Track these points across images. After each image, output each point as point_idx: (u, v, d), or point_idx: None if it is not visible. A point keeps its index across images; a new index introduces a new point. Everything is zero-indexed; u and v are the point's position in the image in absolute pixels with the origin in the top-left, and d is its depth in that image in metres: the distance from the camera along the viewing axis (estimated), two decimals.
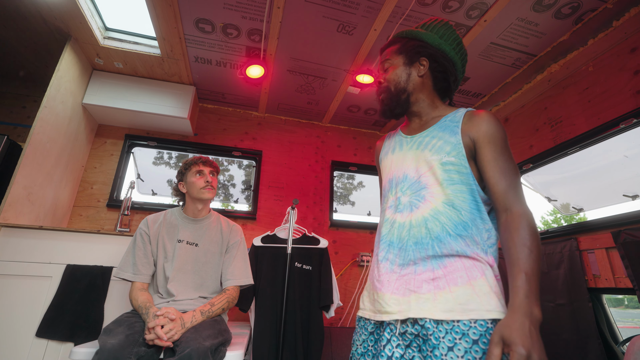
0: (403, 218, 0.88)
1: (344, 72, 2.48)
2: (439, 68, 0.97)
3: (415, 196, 0.87)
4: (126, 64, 2.44)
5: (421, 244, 0.83)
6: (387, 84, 0.99)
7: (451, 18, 1.96)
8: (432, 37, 0.97)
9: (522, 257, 0.72)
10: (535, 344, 0.62)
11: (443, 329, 0.73)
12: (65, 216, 2.39)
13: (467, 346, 0.70)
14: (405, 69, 0.98)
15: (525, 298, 0.67)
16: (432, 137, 0.91)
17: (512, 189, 0.80)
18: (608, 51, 1.88)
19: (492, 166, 0.82)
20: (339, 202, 3.24)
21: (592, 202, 2.18)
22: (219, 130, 2.98)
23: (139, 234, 1.53)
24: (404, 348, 0.78)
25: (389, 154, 1.02)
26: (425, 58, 0.97)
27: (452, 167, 0.85)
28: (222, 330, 1.33)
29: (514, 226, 0.76)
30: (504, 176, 0.81)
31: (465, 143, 0.85)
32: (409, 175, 0.91)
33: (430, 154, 0.88)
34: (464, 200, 0.83)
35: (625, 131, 1.79)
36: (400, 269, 0.84)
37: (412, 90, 0.98)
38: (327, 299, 1.95)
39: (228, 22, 2.06)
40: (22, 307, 1.66)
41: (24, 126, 2.75)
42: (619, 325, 1.82)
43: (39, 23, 2.18)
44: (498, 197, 0.80)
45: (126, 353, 1.09)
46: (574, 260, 1.87)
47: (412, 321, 0.78)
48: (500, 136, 0.84)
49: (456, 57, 0.97)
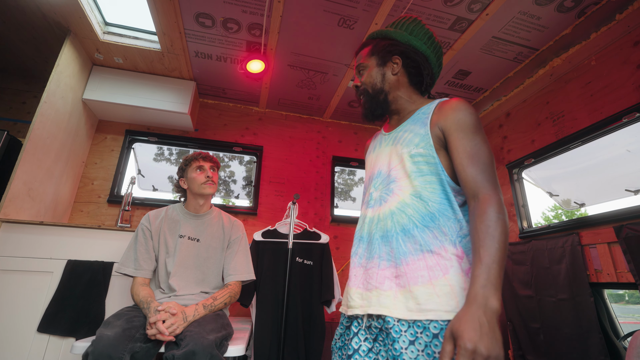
0: (373, 213, 0.89)
1: (345, 66, 2.47)
2: (411, 64, 0.98)
3: (385, 190, 0.88)
4: (126, 59, 2.43)
5: (387, 237, 0.83)
6: (364, 86, 1.01)
7: (453, 12, 1.95)
8: (402, 34, 0.99)
9: (483, 245, 0.69)
10: (484, 337, 0.59)
11: (405, 323, 0.73)
12: (66, 212, 2.39)
13: (427, 340, 0.70)
14: (379, 69, 0.99)
15: (481, 288, 0.64)
16: (404, 130, 0.92)
17: (481, 174, 0.77)
18: (611, 45, 1.87)
19: (459, 152, 0.80)
20: (340, 198, 3.24)
21: (593, 197, 2.18)
22: (219, 125, 2.97)
23: (140, 229, 1.53)
24: (372, 342, 0.80)
25: (371, 153, 1.04)
26: (397, 56, 0.98)
27: (421, 158, 0.84)
28: (224, 324, 1.34)
29: (479, 212, 0.73)
30: (471, 162, 0.78)
31: (434, 133, 0.84)
32: (382, 171, 0.92)
33: (401, 147, 0.89)
34: (433, 191, 0.82)
35: (627, 125, 1.78)
36: (367, 262, 0.86)
37: (389, 90, 0.99)
38: (328, 294, 1.95)
39: (228, 16, 2.04)
40: (23, 303, 1.66)
41: (24, 122, 2.74)
42: (620, 321, 1.82)
43: (38, 18, 2.17)
44: (466, 183, 0.78)
45: (120, 349, 1.08)
46: (575, 255, 1.86)
47: (375, 316, 0.79)
48: (469, 121, 0.81)
49: (428, 51, 0.98)
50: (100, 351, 1.05)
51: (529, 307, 2.07)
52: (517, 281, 2.19)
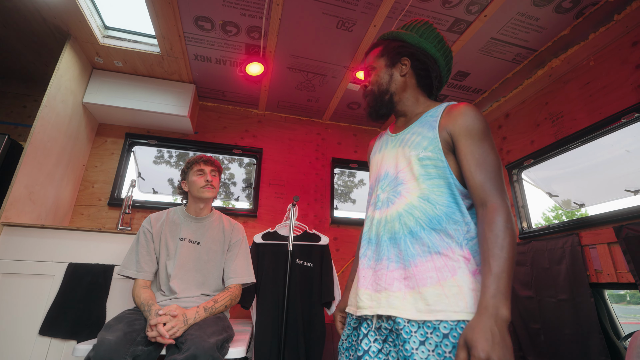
0: (380, 214, 0.90)
1: (344, 68, 2.47)
2: (420, 66, 0.98)
3: (393, 192, 0.89)
4: (126, 63, 2.44)
5: (395, 239, 0.84)
6: (371, 86, 1.02)
7: (451, 13, 1.95)
8: (412, 36, 0.99)
9: (492, 255, 0.70)
10: (496, 347, 0.61)
11: (415, 324, 0.74)
12: (66, 215, 2.40)
13: (437, 340, 0.71)
14: (388, 70, 1.00)
15: (492, 298, 0.66)
16: (412, 133, 0.93)
17: (489, 181, 0.78)
18: (609, 45, 1.87)
19: (468, 159, 0.81)
20: (340, 200, 3.24)
21: (593, 198, 2.18)
22: (219, 128, 2.97)
23: (142, 232, 1.54)
24: (381, 343, 0.80)
25: (377, 154, 1.05)
26: (407, 57, 0.98)
27: (429, 161, 0.85)
28: (225, 326, 1.34)
29: (487, 221, 0.74)
30: (479, 169, 0.79)
31: (442, 137, 0.85)
32: (389, 173, 0.93)
33: (409, 149, 0.89)
34: (441, 194, 0.83)
35: (626, 126, 1.78)
36: (375, 264, 0.87)
37: (395, 91, 0.99)
38: (328, 296, 1.95)
39: (227, 19, 2.05)
40: (25, 306, 1.67)
41: (24, 125, 2.75)
42: (621, 321, 1.82)
43: (38, 22, 2.18)
44: (474, 190, 0.79)
45: (122, 352, 1.08)
46: (575, 256, 1.86)
47: (385, 317, 0.80)
48: (477, 127, 0.82)
49: (437, 54, 0.98)
50: (102, 355, 1.05)
51: (529, 308, 2.07)
52: (517, 282, 2.18)
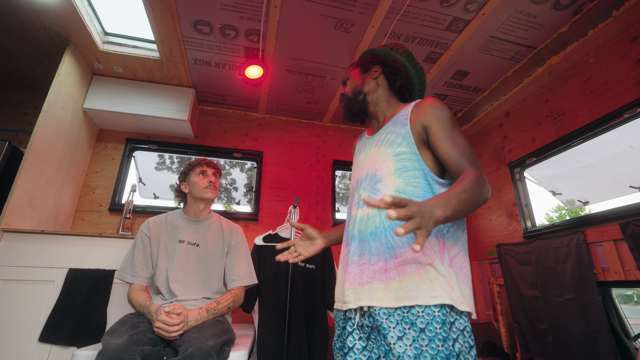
0: (362, 212, 0.94)
1: (343, 70, 2.47)
2: (390, 70, 1.10)
3: (372, 190, 0.94)
4: (126, 68, 2.45)
5: (376, 233, 0.88)
6: (347, 91, 1.14)
7: (449, 12, 1.95)
8: (384, 50, 1.15)
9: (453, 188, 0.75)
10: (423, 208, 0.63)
11: (394, 320, 0.78)
12: (67, 221, 2.39)
13: (414, 335, 0.75)
14: (361, 76, 1.12)
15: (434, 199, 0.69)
16: (386, 133, 1.00)
17: (464, 157, 0.84)
18: (609, 41, 1.86)
19: (443, 141, 0.87)
20: (342, 203, 3.22)
21: (597, 195, 2.15)
22: (219, 132, 2.97)
23: (139, 236, 1.54)
24: (366, 340, 0.85)
25: (357, 156, 1.12)
26: (378, 65, 1.11)
27: (405, 155, 0.91)
28: (225, 329, 1.32)
29: (460, 178, 0.79)
30: (456, 148, 0.86)
31: (415, 131, 0.92)
32: (369, 173, 0.98)
33: (385, 148, 0.96)
34: (417, 186, 0.88)
35: (629, 121, 1.77)
36: (359, 259, 0.90)
37: (368, 91, 1.09)
38: (331, 298, 1.93)
39: (226, 23, 2.06)
40: (25, 312, 1.65)
41: (25, 132, 2.76)
42: (630, 322, 1.79)
43: (38, 29, 2.19)
44: (452, 166, 0.85)
45: (130, 352, 1.08)
46: (581, 254, 1.84)
47: (367, 314, 0.84)
48: (447, 116, 0.91)
49: (405, 63, 1.10)
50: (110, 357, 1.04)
51: (535, 308, 2.04)
52: (522, 282, 2.15)
